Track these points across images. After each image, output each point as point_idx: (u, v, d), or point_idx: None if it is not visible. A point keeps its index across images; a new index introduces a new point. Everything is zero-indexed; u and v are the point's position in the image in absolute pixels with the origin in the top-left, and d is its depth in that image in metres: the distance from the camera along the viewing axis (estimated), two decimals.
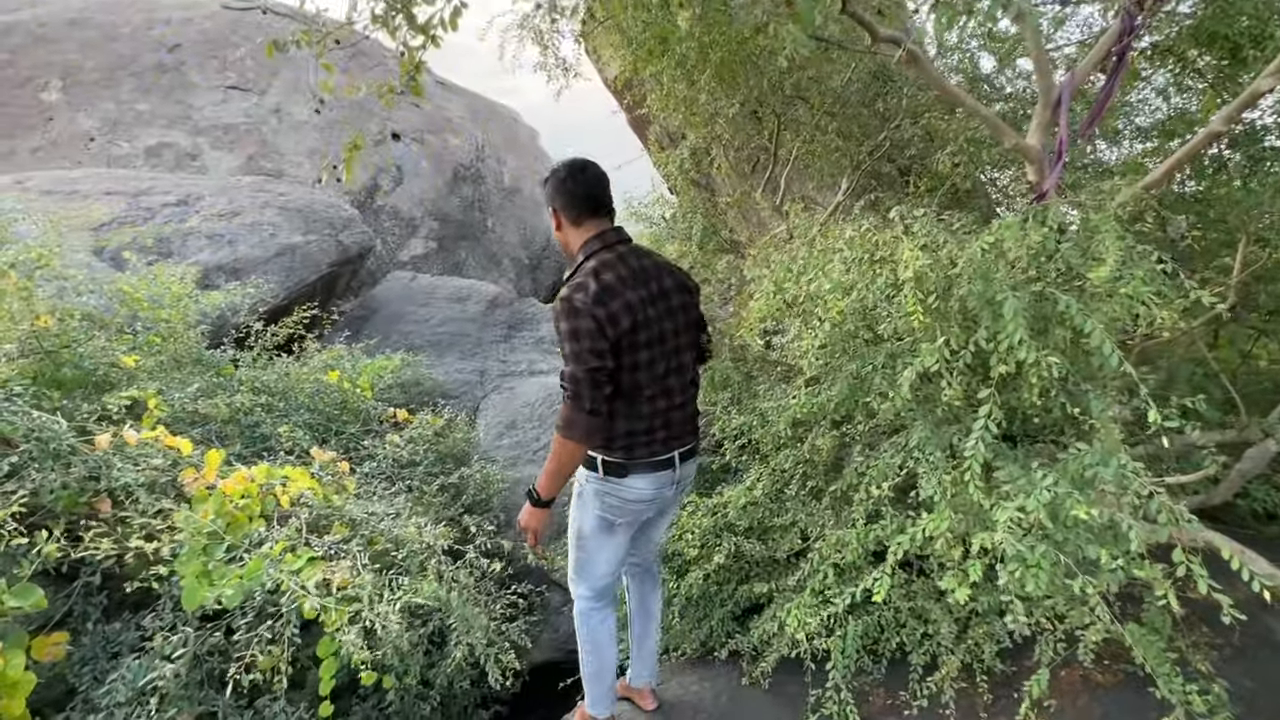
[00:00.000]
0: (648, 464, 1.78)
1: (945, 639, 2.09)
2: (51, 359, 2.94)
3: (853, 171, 3.27)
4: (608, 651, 2.06)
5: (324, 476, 2.75)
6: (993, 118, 1.62)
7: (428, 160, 9.66)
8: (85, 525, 2.16)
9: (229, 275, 5.34)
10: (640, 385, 1.71)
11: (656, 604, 2.20)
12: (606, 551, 1.94)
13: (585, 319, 1.60)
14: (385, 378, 4.72)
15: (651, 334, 1.69)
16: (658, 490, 1.84)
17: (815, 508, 2.37)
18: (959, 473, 1.45)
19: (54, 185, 5.80)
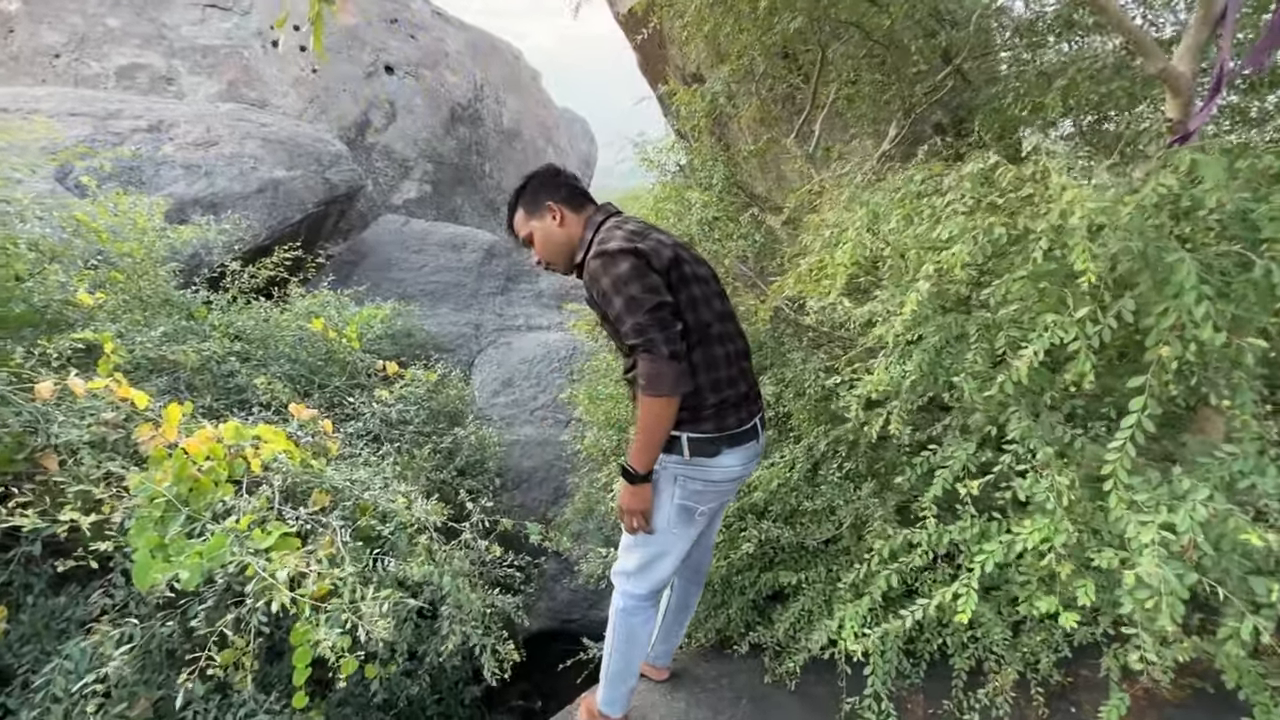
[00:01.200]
0: (736, 435, 1.55)
1: (997, 645, 1.87)
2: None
3: (903, 117, 2.90)
4: (639, 654, 1.81)
5: (303, 436, 2.46)
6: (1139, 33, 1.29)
7: (423, 97, 9.06)
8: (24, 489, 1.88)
9: (205, 210, 4.93)
10: (707, 322, 1.52)
11: (696, 600, 1.98)
12: (680, 546, 1.66)
13: (626, 260, 1.43)
14: (374, 328, 4.39)
15: (694, 269, 1.55)
16: (745, 466, 1.61)
17: (853, 493, 2.12)
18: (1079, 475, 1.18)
19: (12, 102, 5.29)
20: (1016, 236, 1.13)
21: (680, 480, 1.57)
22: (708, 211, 3.11)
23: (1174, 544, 1.01)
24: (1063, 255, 1.10)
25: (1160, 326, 1.00)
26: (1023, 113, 2.30)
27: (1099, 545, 1.18)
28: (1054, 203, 0.99)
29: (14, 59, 6.97)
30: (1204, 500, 1.02)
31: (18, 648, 1.80)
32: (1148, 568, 0.98)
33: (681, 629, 2.01)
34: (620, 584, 1.76)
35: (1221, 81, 1.30)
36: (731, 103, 3.33)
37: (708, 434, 1.51)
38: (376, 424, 3.06)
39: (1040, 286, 1.17)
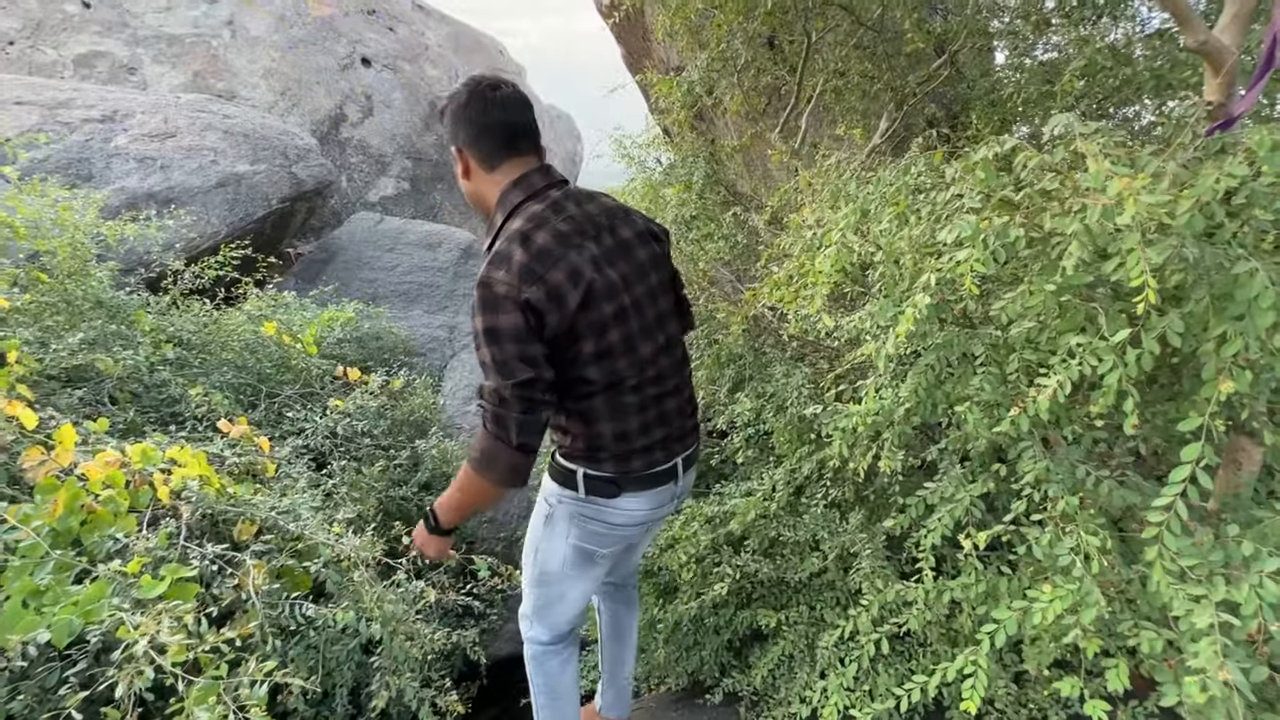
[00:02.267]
0: (645, 478, 1.32)
1: (999, 699, 1.65)
2: None
3: (894, 109, 2.69)
4: (568, 703, 1.63)
5: (232, 457, 2.21)
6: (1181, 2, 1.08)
7: (402, 91, 8.77)
8: None
9: (160, 204, 4.64)
10: (621, 377, 1.24)
11: (633, 626, 1.77)
12: (580, 588, 1.48)
13: (510, 311, 1.11)
14: (336, 330, 4.12)
15: (619, 304, 1.22)
16: (654, 510, 1.39)
17: (839, 525, 1.91)
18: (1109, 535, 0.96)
19: None
20: (1037, 240, 0.91)
21: (576, 520, 1.36)
22: (685, 210, 2.89)
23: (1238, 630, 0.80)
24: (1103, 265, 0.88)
25: (1223, 354, 0.79)
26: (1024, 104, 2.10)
27: (1134, 620, 0.96)
28: (1089, 197, 0.77)
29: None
30: (1274, 573, 0.81)
31: None
32: (1205, 661, 0.77)
33: (625, 666, 1.78)
34: (524, 629, 1.61)
35: (1274, 57, 1.09)
36: (711, 94, 3.11)
37: (607, 474, 1.30)
38: (321, 439, 2.80)
39: (1062, 300, 0.95)
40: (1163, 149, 0.90)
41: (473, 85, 1.26)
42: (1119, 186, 0.73)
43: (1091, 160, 0.78)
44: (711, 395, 2.28)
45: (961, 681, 1.04)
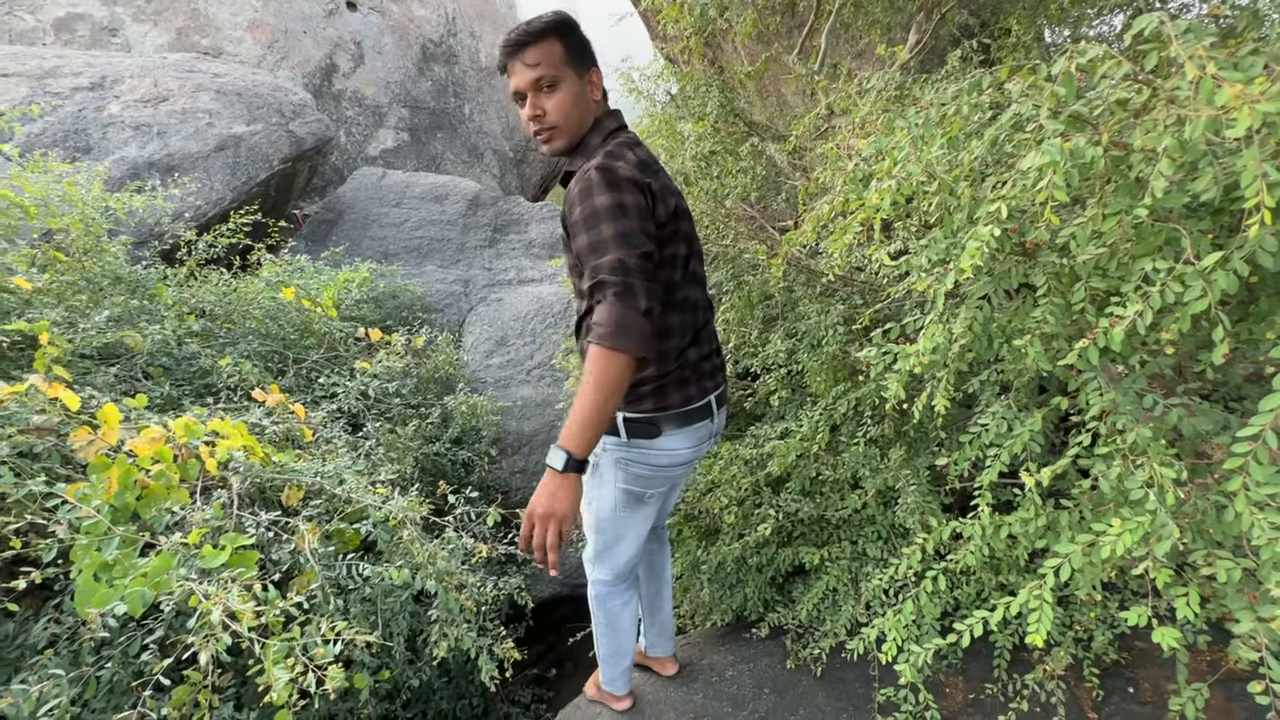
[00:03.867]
0: (683, 414, 1.37)
1: None
2: None
3: (924, 20, 2.50)
4: (627, 635, 1.76)
5: (269, 425, 2.24)
6: None
7: (391, 35, 8.38)
8: None
9: (162, 173, 4.56)
10: (674, 284, 1.32)
11: (667, 564, 1.85)
12: (635, 529, 1.55)
13: (632, 192, 1.19)
14: (353, 292, 4.10)
15: (688, 226, 1.37)
16: (696, 449, 1.44)
17: (880, 462, 1.90)
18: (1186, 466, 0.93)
19: None
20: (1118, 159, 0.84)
21: (620, 464, 1.41)
22: (703, 145, 2.76)
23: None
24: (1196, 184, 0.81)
25: None
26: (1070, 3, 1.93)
27: (1206, 547, 0.94)
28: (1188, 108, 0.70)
29: None
30: None
31: None
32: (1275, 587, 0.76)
33: (664, 603, 1.86)
34: (588, 571, 1.68)
35: None
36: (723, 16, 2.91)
37: (646, 413, 1.34)
38: (354, 402, 2.83)
39: (1137, 224, 0.89)
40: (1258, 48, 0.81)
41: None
42: (1230, 94, 0.66)
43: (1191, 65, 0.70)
44: (741, 336, 2.24)
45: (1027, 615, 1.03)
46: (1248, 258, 0.81)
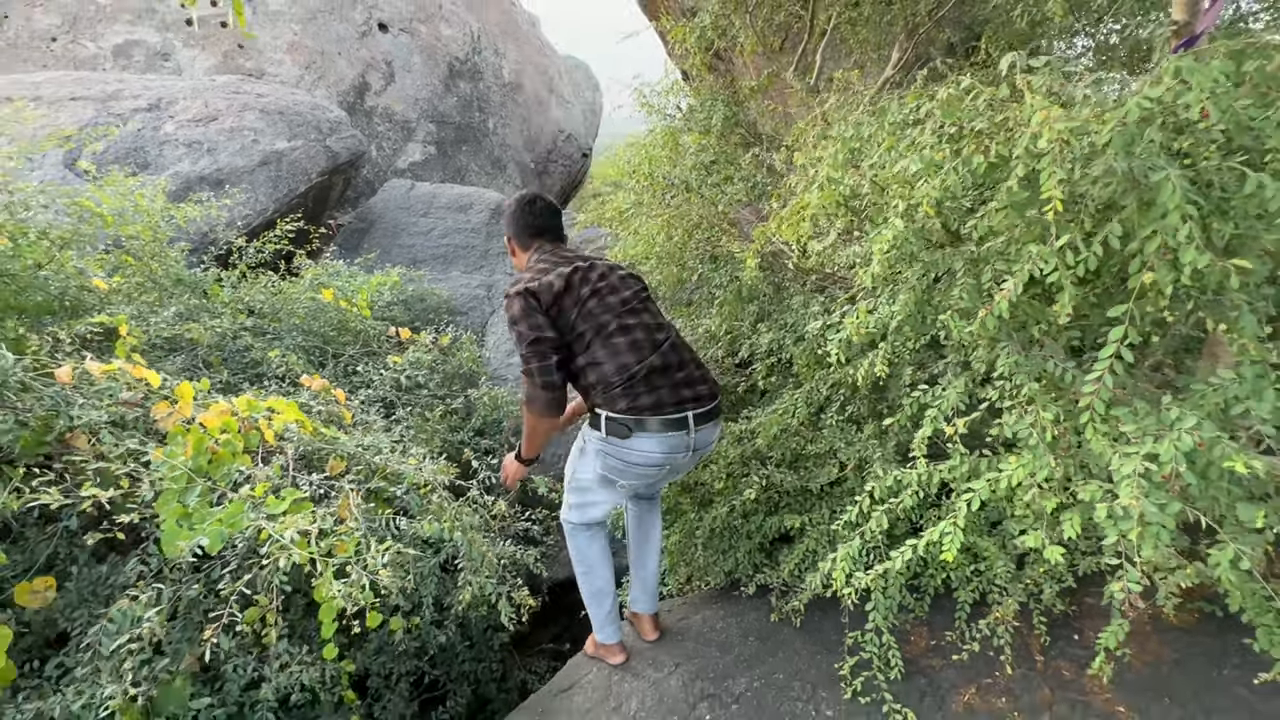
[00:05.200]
0: (657, 422, 1.69)
1: (1000, 577, 1.88)
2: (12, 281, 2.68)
3: (906, 39, 2.73)
4: (601, 570, 2.04)
5: (315, 406, 2.53)
6: None
7: (420, 54, 8.83)
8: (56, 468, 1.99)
9: (211, 186, 4.96)
10: (603, 323, 1.73)
11: (656, 528, 2.11)
12: (606, 501, 1.95)
13: (518, 302, 1.72)
14: (385, 295, 4.43)
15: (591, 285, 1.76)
16: (668, 455, 1.74)
17: (856, 436, 2.12)
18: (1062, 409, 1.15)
19: (13, 90, 5.32)
20: (995, 165, 1.07)
21: (601, 454, 1.79)
22: (704, 155, 3.02)
23: (1156, 474, 0.99)
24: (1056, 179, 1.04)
25: (1145, 251, 0.95)
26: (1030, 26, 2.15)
27: (1085, 479, 1.16)
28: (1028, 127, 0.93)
29: (11, 45, 6.97)
30: (1190, 429, 0.99)
31: (69, 613, 1.94)
32: (1126, 499, 0.97)
33: (650, 561, 2.10)
34: (563, 516, 2.06)
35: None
36: (724, 35, 3.17)
37: (620, 413, 1.69)
38: (388, 390, 3.13)
39: (1027, 216, 1.12)
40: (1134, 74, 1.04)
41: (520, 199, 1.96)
42: (1040, 117, 0.89)
43: (1029, 94, 0.93)
44: (735, 329, 2.48)
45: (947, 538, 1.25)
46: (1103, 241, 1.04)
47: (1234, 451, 0.96)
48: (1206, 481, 1.01)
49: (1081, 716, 1.64)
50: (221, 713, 1.96)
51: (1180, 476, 0.98)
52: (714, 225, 2.53)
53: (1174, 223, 0.90)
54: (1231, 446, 0.97)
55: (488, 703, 3.25)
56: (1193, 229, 0.88)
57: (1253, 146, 1.09)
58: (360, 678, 2.62)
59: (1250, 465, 0.94)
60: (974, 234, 1.19)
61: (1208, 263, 0.89)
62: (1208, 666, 1.69)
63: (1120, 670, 1.72)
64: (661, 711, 1.83)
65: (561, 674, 2.21)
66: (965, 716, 1.69)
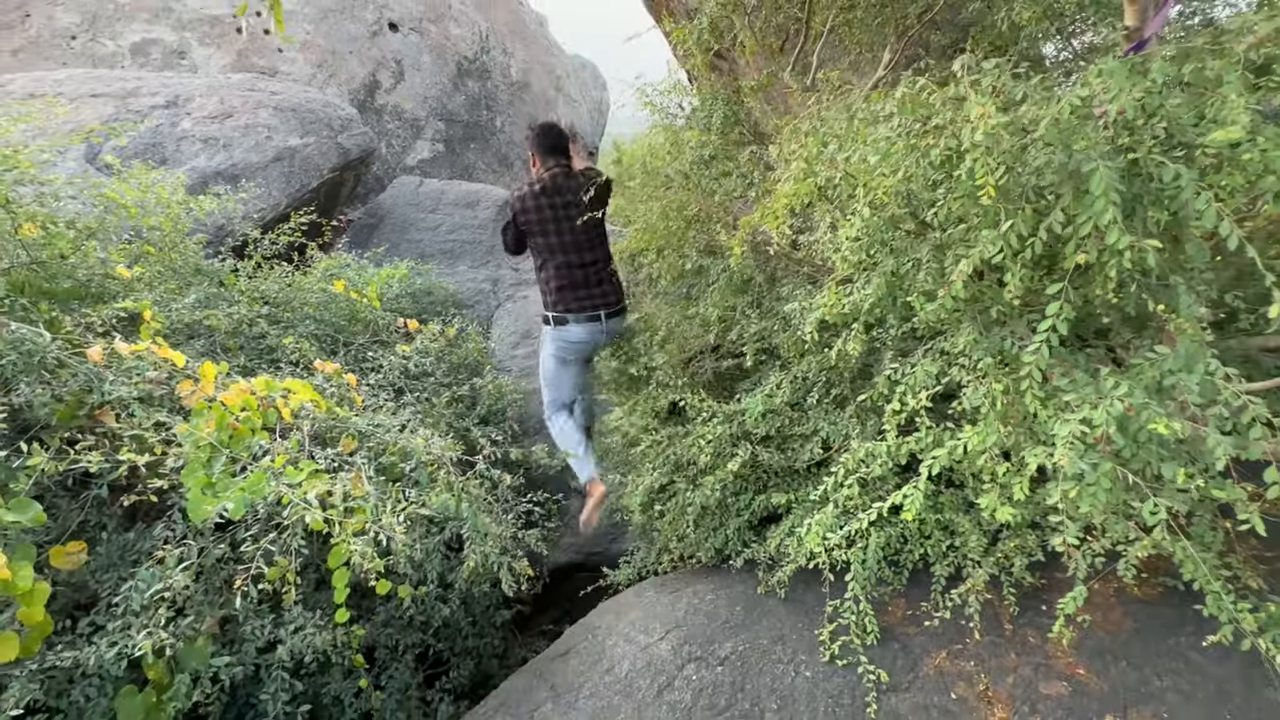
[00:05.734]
0: (580, 318, 2.94)
1: (973, 551, 1.99)
2: (42, 269, 2.82)
3: (896, 41, 2.84)
4: (570, 437, 3.16)
5: (328, 389, 2.67)
6: None
7: (429, 54, 8.98)
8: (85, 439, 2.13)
9: (227, 181, 5.11)
10: (551, 245, 2.93)
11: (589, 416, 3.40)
12: (566, 379, 3.16)
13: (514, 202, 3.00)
14: (393, 287, 4.57)
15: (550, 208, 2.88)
16: (592, 336, 3.01)
17: (839, 417, 2.23)
18: (1012, 381, 1.26)
19: (36, 87, 5.49)
20: (950, 157, 1.18)
21: (552, 340, 3.07)
22: (704, 150, 3.13)
23: (1089, 437, 1.10)
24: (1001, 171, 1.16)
25: (1078, 235, 1.06)
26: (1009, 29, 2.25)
27: (1032, 445, 1.27)
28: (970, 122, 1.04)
29: (32, 43, 7.16)
30: (1121, 396, 1.10)
31: (99, 575, 2.08)
32: (1060, 458, 1.08)
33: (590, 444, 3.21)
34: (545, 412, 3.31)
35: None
36: (724, 37, 3.28)
37: (555, 311, 2.98)
38: (397, 376, 3.26)
39: (981, 205, 1.23)
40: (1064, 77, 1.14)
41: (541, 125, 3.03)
42: (977, 112, 1.00)
43: (970, 92, 1.04)
44: (728, 317, 2.60)
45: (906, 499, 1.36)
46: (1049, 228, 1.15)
47: (1158, 416, 1.07)
48: (1137, 444, 1.12)
49: (1044, 678, 1.74)
50: (240, 671, 2.10)
51: (1111, 439, 1.09)
52: (710, 217, 2.64)
53: (1098, 209, 1.01)
54: (1158, 411, 1.08)
55: (490, 678, 3.38)
56: (1115, 213, 0.99)
57: (1188, 142, 1.20)
58: (368, 649, 2.76)
59: (1171, 428, 1.05)
60: (936, 222, 1.30)
61: (1128, 244, 1.00)
62: (1165, 634, 1.79)
63: (1083, 637, 1.83)
64: (651, 673, 1.95)
65: (559, 641, 2.34)
66: (935, 678, 1.80)
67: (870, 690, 1.77)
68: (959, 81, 1.15)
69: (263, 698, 2.12)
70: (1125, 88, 1.00)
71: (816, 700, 1.78)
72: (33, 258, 2.78)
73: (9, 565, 1.65)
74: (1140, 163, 1.16)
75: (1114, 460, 1.11)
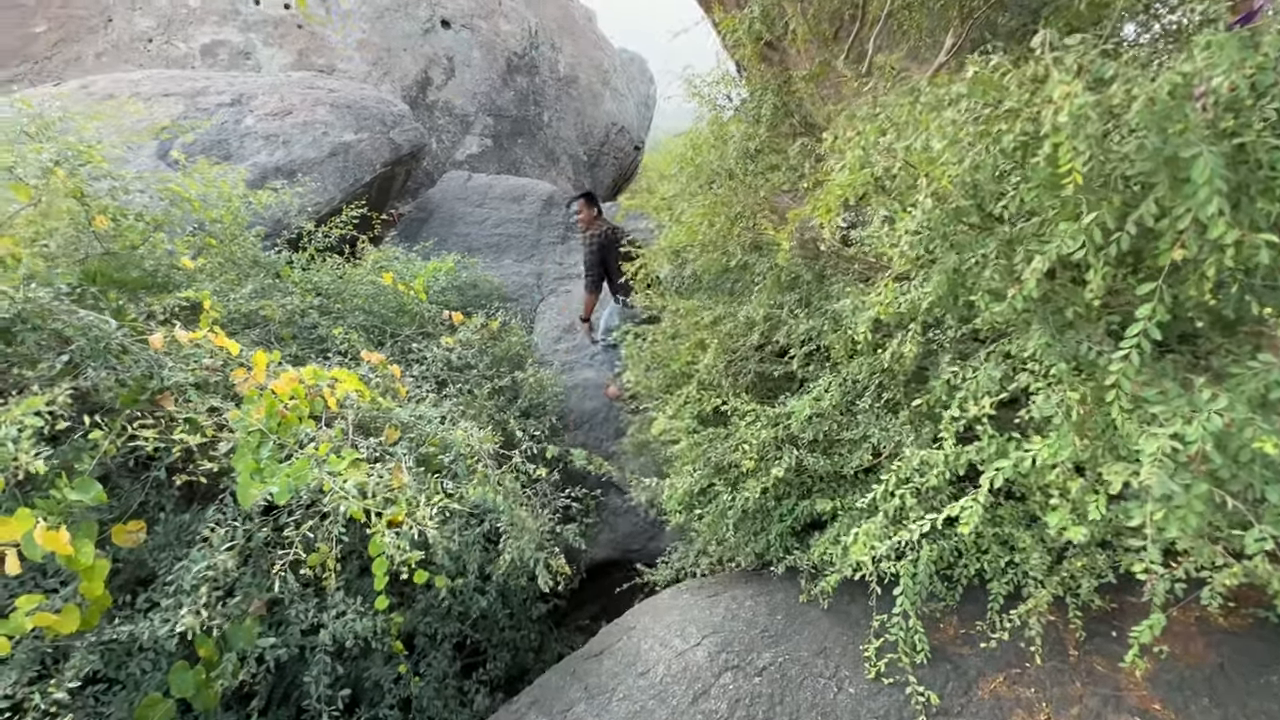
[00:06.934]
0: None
1: (1035, 569, 1.86)
2: (113, 259, 2.96)
3: (960, 24, 2.67)
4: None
5: (373, 379, 2.71)
6: None
7: (480, 50, 9.09)
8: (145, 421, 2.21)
9: (285, 176, 5.27)
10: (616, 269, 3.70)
11: None
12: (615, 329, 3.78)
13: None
14: (440, 280, 4.64)
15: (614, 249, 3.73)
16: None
17: (891, 422, 2.12)
18: (1090, 389, 1.15)
19: (115, 88, 5.80)
20: (1024, 143, 1.07)
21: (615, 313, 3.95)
22: (751, 143, 3.04)
23: (1182, 455, 0.98)
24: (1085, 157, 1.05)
25: (1175, 228, 0.95)
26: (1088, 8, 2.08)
27: (1112, 460, 1.15)
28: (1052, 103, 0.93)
29: (114, 47, 7.58)
30: (1221, 410, 0.98)
31: (156, 555, 2.16)
32: (1146, 476, 0.97)
33: None
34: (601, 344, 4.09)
35: None
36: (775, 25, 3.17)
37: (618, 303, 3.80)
38: (440, 368, 3.30)
39: (1061, 196, 1.12)
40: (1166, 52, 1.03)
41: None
42: (1061, 92, 0.90)
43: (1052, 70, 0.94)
44: (774, 316, 2.51)
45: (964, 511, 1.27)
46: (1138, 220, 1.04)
47: (1264, 433, 0.95)
48: (1237, 464, 1.00)
49: (1113, 711, 1.61)
50: (284, 653, 2.15)
51: (1207, 458, 0.97)
52: (756, 213, 2.55)
53: (1201, 199, 0.89)
54: (1263, 428, 0.96)
55: (525, 671, 3.39)
56: (1221, 204, 0.88)
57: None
58: (407, 636, 2.80)
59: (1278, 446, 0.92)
60: (1006, 214, 1.19)
61: (1235, 238, 0.88)
62: (1255, 670, 1.62)
63: (1159, 669, 1.68)
64: (686, 679, 1.90)
65: (594, 640, 2.31)
66: (991, 703, 1.69)
67: (919, 713, 1.67)
68: (1038, 60, 1.04)
69: (306, 680, 2.17)
70: (1234, 63, 0.88)
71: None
72: (105, 248, 2.92)
73: (72, 542, 1.72)
74: (1248, 148, 1.02)
75: (1209, 481, 0.99)
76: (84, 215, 2.85)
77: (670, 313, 2.89)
